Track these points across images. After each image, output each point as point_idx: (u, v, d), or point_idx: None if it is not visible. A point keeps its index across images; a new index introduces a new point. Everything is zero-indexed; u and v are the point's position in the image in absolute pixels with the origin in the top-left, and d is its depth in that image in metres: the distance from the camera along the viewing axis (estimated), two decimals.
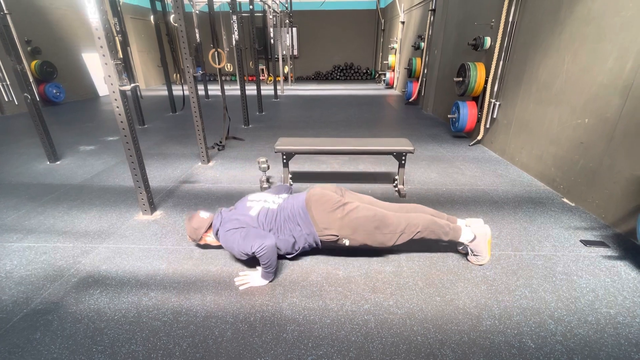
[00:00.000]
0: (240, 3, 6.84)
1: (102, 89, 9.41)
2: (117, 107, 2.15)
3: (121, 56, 5.15)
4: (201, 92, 9.24)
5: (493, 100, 3.94)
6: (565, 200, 2.72)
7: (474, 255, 1.88)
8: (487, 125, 4.13)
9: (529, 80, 3.31)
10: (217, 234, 1.89)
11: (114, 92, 2.11)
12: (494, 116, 3.96)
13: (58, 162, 3.75)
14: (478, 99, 4.34)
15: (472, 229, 1.85)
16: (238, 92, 5.53)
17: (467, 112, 4.36)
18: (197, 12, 7.79)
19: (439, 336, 1.44)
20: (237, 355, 1.36)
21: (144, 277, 1.84)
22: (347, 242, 1.81)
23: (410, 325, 1.50)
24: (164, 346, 1.40)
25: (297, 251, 1.88)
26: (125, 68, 5.09)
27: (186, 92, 7.48)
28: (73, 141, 4.64)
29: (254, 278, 1.78)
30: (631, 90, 2.19)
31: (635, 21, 2.18)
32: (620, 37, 2.29)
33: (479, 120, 4.32)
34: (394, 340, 1.43)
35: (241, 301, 1.66)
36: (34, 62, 7.27)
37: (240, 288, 1.74)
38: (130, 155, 2.30)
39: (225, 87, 10.63)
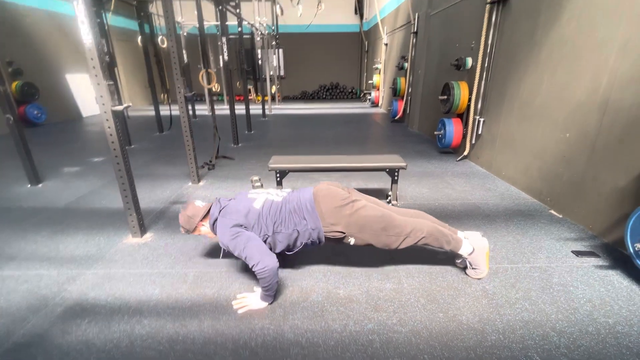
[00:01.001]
0: (227, 25, 6.99)
1: (86, 110, 9.24)
2: (109, 127, 2.11)
3: None
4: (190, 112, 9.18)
5: (477, 117, 4.09)
6: (552, 212, 2.80)
7: (472, 268, 1.89)
8: (473, 141, 4.27)
9: (511, 98, 3.46)
10: (214, 224, 1.79)
11: (105, 112, 2.08)
12: (479, 132, 4.10)
13: (40, 185, 3.61)
14: (463, 116, 4.50)
15: (470, 242, 1.86)
16: (225, 112, 5.54)
17: (453, 128, 4.50)
18: (185, 34, 7.88)
19: (446, 354, 1.42)
20: None
21: (136, 303, 1.75)
22: (352, 241, 1.77)
23: (416, 344, 1.47)
24: None
25: (298, 247, 1.81)
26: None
27: (174, 112, 7.43)
28: (56, 163, 4.49)
29: (252, 300, 1.72)
30: (608, 106, 2.32)
31: (607, 43, 2.34)
32: (594, 57, 2.44)
33: (464, 137, 4.46)
34: None
35: (240, 325, 1.59)
36: (15, 83, 7.11)
37: (239, 312, 1.68)
38: (121, 177, 2.24)
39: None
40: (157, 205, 3.05)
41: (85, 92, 9.37)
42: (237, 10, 5.75)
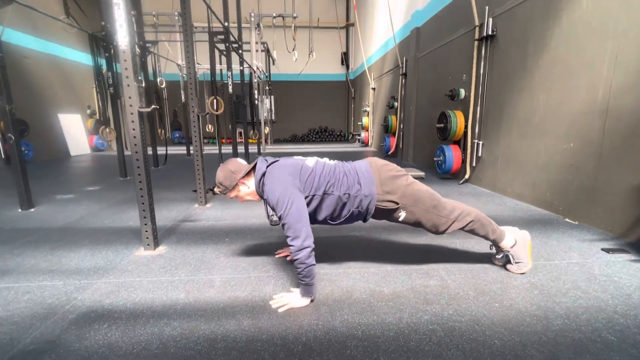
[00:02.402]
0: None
1: (74, 149, 9.06)
2: (134, 128, 2.07)
3: (110, 109, 5.14)
4: (183, 151, 9.19)
5: (476, 141, 4.29)
6: (568, 220, 2.84)
7: (515, 262, 1.83)
8: (473, 164, 4.41)
9: (509, 119, 3.69)
10: (260, 179, 1.63)
11: (132, 113, 2.05)
12: (479, 155, 4.27)
13: (32, 210, 3.37)
14: (460, 142, 4.70)
15: (511, 234, 1.83)
16: (223, 150, 5.55)
17: (452, 154, 4.67)
18: (184, 76, 8.19)
19: (517, 338, 1.31)
20: None
21: (161, 307, 1.56)
22: (402, 216, 1.68)
23: (481, 331, 1.36)
24: None
25: (344, 217, 1.68)
26: (113, 120, 5.04)
27: (170, 151, 7.40)
28: (48, 191, 4.25)
29: (292, 298, 1.58)
30: (608, 113, 2.50)
31: (597, 60, 2.59)
32: (587, 73, 2.69)
33: (463, 161, 4.62)
34: (471, 346, 1.27)
35: (285, 323, 1.43)
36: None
37: (280, 310, 1.52)
38: (140, 181, 2.14)
39: (205, 147, 10.71)
40: (165, 223, 2.88)
41: (76, 131, 9.28)
42: (240, 52, 6.11)
